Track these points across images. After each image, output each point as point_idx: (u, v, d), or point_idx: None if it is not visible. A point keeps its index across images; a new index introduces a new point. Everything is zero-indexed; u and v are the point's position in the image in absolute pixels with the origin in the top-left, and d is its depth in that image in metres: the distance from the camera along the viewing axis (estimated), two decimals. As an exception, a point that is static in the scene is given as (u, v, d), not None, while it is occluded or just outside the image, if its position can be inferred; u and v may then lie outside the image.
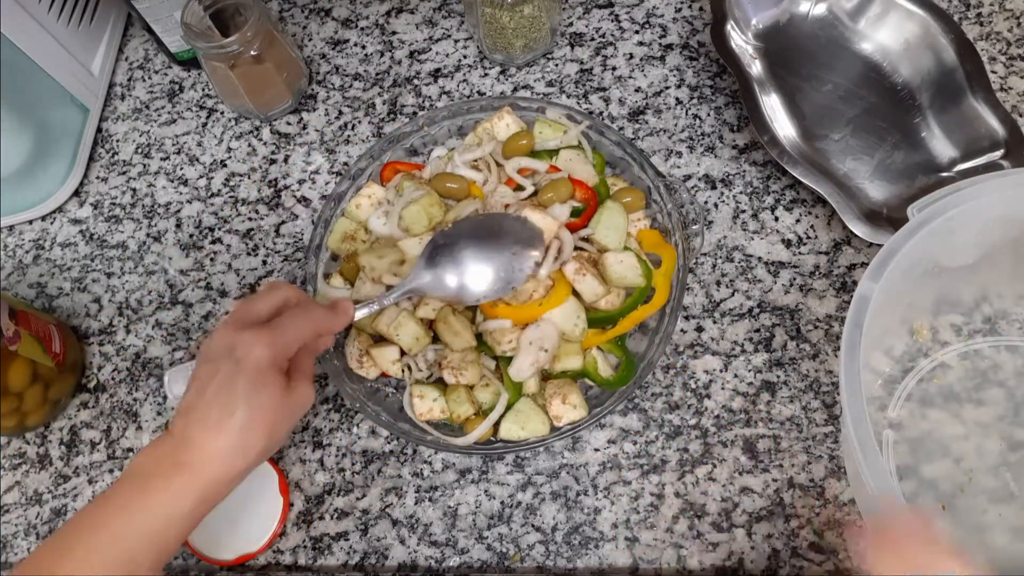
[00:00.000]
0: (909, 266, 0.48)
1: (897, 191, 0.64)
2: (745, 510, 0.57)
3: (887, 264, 0.47)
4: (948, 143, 0.65)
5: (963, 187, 0.50)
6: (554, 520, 0.57)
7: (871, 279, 0.47)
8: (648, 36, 0.75)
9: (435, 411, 0.56)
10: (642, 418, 0.60)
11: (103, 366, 0.66)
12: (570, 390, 0.56)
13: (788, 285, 0.63)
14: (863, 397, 0.43)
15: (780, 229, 0.66)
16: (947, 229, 0.49)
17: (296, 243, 0.69)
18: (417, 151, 0.67)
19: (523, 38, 0.70)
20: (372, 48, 0.77)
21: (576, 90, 0.73)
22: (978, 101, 0.64)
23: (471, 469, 0.59)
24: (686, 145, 0.69)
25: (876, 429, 0.57)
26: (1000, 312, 0.60)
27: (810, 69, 0.70)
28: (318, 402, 0.62)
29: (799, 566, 0.55)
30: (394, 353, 0.57)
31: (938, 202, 0.49)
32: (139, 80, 0.79)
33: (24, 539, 0.60)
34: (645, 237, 0.60)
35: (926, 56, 0.67)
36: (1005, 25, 0.73)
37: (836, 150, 0.66)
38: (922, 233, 0.48)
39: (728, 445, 0.58)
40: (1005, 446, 0.56)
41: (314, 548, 0.58)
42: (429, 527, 0.58)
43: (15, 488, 0.62)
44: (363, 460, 0.60)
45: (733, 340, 0.62)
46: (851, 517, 0.56)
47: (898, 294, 0.49)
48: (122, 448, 0.62)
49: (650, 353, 0.56)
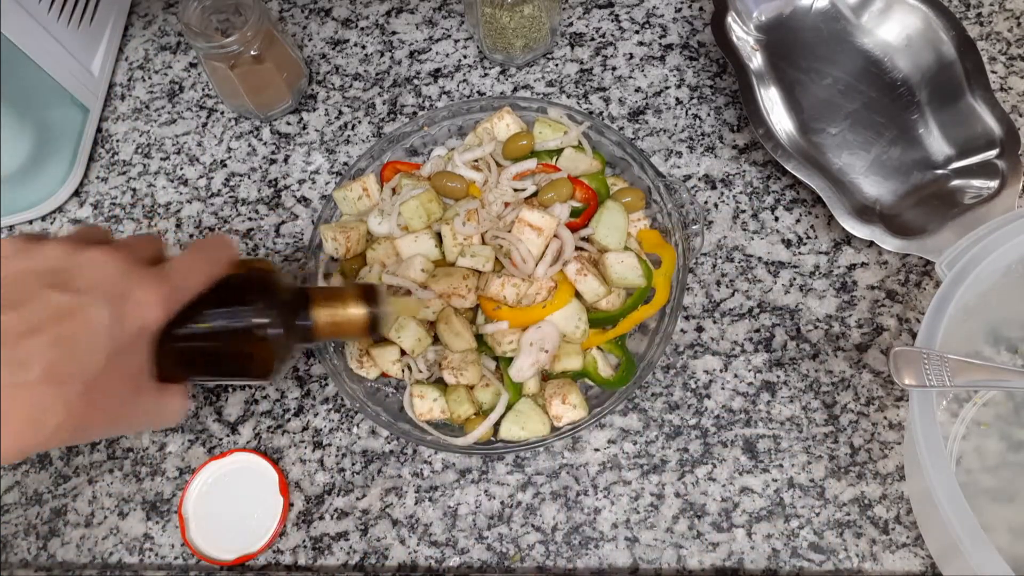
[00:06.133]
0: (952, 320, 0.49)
1: (892, 187, 0.65)
2: (745, 510, 0.57)
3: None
4: (944, 141, 0.65)
5: (983, 235, 0.50)
6: (554, 520, 0.57)
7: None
8: (648, 36, 0.75)
9: (435, 411, 0.56)
10: (642, 418, 0.60)
11: (103, 366, 0.66)
12: (570, 390, 0.56)
13: (788, 285, 0.63)
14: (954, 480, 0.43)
15: (780, 229, 0.66)
16: (978, 279, 0.49)
17: (296, 243, 0.69)
18: (417, 151, 0.67)
19: (523, 38, 0.70)
20: (372, 48, 0.77)
21: (576, 90, 0.73)
22: (976, 99, 0.64)
23: (471, 469, 0.59)
24: (686, 145, 0.69)
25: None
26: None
27: (810, 63, 0.70)
28: (318, 402, 0.62)
29: (799, 566, 0.55)
30: (394, 353, 0.57)
31: (965, 256, 0.49)
32: (139, 80, 0.79)
33: (24, 539, 0.60)
34: (645, 237, 0.60)
35: (927, 52, 0.67)
36: (1005, 25, 0.73)
37: (833, 144, 0.67)
38: (960, 290, 0.48)
39: (728, 445, 0.58)
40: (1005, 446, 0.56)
41: (314, 548, 0.58)
42: (429, 527, 0.58)
43: (15, 488, 0.62)
44: (363, 460, 0.60)
45: (733, 340, 0.62)
46: (851, 517, 0.56)
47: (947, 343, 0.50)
48: (122, 448, 0.62)
49: (650, 353, 0.56)
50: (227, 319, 0.39)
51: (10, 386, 0.30)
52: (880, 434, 0.58)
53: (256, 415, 0.62)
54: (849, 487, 0.57)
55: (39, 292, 0.31)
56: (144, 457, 0.62)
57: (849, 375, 0.60)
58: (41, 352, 0.31)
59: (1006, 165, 0.61)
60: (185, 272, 0.36)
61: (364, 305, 0.44)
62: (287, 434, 0.61)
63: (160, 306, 0.33)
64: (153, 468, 0.61)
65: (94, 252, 0.32)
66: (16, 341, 0.30)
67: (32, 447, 0.32)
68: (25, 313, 0.31)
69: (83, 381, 0.32)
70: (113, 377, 0.33)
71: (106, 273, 0.33)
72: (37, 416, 0.31)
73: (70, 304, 0.31)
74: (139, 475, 0.61)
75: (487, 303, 0.55)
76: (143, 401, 0.35)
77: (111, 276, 0.33)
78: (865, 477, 0.57)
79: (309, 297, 0.43)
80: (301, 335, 0.43)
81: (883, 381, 0.60)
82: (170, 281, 0.34)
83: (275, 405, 0.63)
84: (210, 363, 0.41)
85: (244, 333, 0.40)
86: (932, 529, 0.52)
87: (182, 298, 0.35)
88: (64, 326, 0.31)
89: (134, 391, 0.34)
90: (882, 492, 0.56)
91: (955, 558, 0.48)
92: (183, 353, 0.39)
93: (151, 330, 0.34)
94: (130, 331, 0.33)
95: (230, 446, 0.61)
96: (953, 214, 0.60)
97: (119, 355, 0.33)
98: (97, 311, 0.32)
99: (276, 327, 0.40)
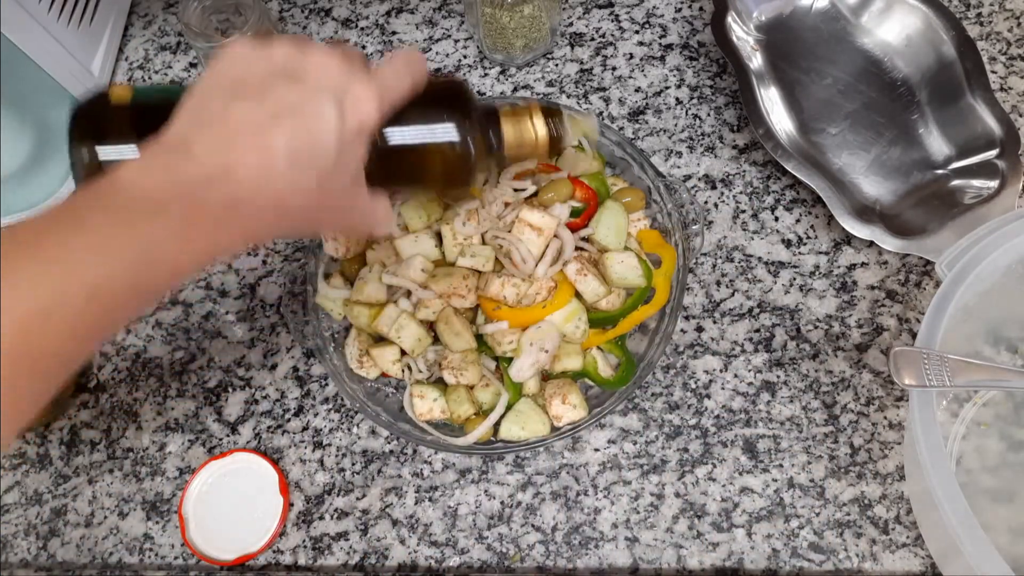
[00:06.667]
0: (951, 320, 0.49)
1: (891, 187, 0.65)
2: (745, 510, 0.57)
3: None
4: (944, 140, 0.65)
5: (982, 235, 0.50)
6: (554, 520, 0.57)
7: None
8: (648, 36, 0.75)
9: (435, 411, 0.56)
10: (642, 418, 0.60)
11: (103, 366, 0.66)
12: (570, 390, 0.56)
13: (788, 285, 0.63)
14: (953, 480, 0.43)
15: (780, 229, 0.66)
16: (978, 279, 0.49)
17: (296, 243, 0.69)
18: (417, 151, 0.67)
19: (523, 38, 0.70)
20: (372, 48, 0.77)
21: (576, 90, 0.73)
22: (976, 99, 0.64)
23: (471, 469, 0.59)
24: (686, 145, 0.69)
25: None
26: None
27: (810, 63, 0.70)
28: (318, 402, 0.62)
29: (799, 566, 0.55)
30: (394, 353, 0.57)
31: (965, 256, 0.49)
32: (139, 80, 0.79)
33: (24, 539, 0.60)
34: (645, 237, 0.60)
35: (927, 52, 0.67)
36: (1005, 25, 0.73)
37: (832, 144, 0.67)
38: (960, 290, 0.48)
39: (728, 445, 0.58)
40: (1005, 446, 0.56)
41: (314, 548, 0.58)
42: (429, 527, 0.58)
43: (15, 488, 0.62)
44: (363, 460, 0.60)
45: (733, 340, 0.62)
46: (851, 517, 0.56)
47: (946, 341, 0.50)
48: (122, 448, 0.62)
49: (650, 353, 0.56)
50: (430, 123, 0.41)
51: (262, 167, 0.32)
52: (880, 434, 0.58)
53: (256, 415, 0.62)
54: (849, 487, 0.57)
55: (277, 85, 0.33)
56: (144, 457, 0.62)
57: (849, 375, 0.60)
58: (285, 139, 0.33)
59: (1006, 165, 0.61)
60: (392, 77, 0.37)
61: (548, 122, 0.46)
62: (287, 434, 0.61)
63: (375, 105, 0.35)
64: (153, 468, 0.61)
65: (318, 53, 0.34)
66: (260, 128, 0.32)
67: (275, 232, 0.35)
68: (268, 104, 0.33)
69: (318, 172, 0.34)
70: (339, 173, 0.35)
71: (330, 72, 0.34)
72: (282, 199, 0.33)
73: (305, 97, 0.33)
74: (139, 475, 0.61)
75: (487, 303, 0.55)
76: (359, 202, 0.37)
77: (335, 75, 0.34)
78: (865, 477, 0.57)
79: (498, 116, 0.45)
80: (491, 149, 0.45)
81: (883, 381, 0.60)
82: (382, 83, 0.36)
83: (275, 405, 0.63)
84: (416, 167, 0.43)
85: (447, 137, 0.42)
86: (932, 529, 0.52)
87: (393, 100, 0.37)
88: (301, 118, 0.33)
89: (354, 190, 0.36)
90: (882, 492, 0.56)
91: (955, 558, 0.48)
92: (390, 158, 0.41)
93: (368, 128, 0.35)
94: (351, 128, 0.34)
95: (230, 446, 0.61)
96: (953, 214, 0.60)
97: (343, 151, 0.34)
98: (328, 106, 0.34)
99: (474, 133, 0.42)
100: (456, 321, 0.55)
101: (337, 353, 0.59)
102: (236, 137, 0.33)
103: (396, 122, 0.39)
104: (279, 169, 0.33)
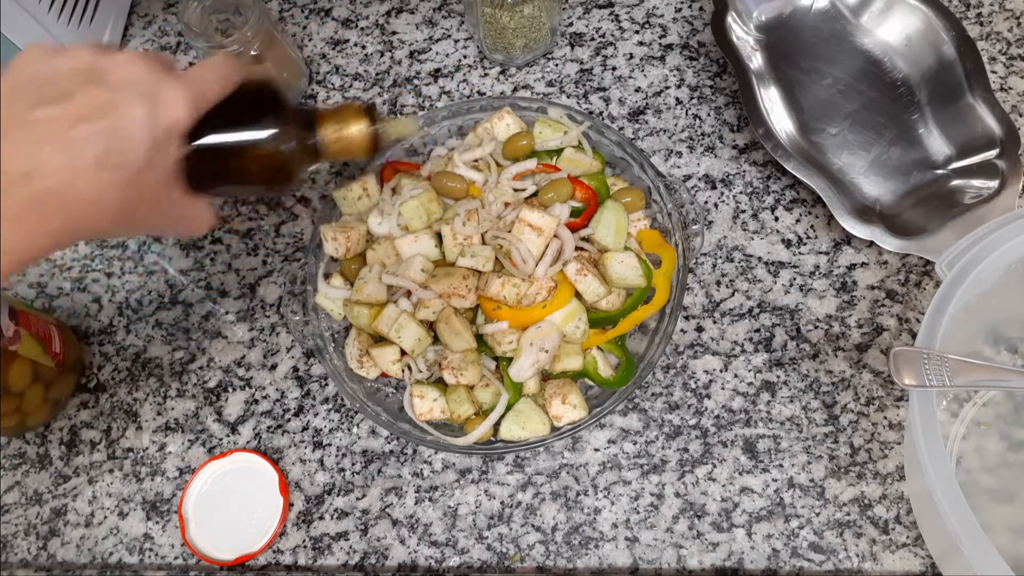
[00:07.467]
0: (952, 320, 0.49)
1: (892, 187, 0.65)
2: (745, 510, 0.57)
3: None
4: (944, 140, 0.65)
5: (982, 235, 0.50)
6: (554, 520, 0.57)
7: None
8: (648, 36, 0.75)
9: (435, 411, 0.56)
10: (642, 418, 0.60)
11: (103, 366, 0.66)
12: (570, 390, 0.56)
13: (788, 285, 0.63)
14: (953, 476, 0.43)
15: (780, 229, 0.66)
16: (978, 279, 0.49)
17: (296, 243, 0.69)
18: (417, 151, 0.67)
19: (523, 38, 0.70)
20: (372, 48, 0.77)
21: (576, 90, 0.73)
22: (976, 100, 0.64)
23: (471, 469, 0.59)
24: (686, 145, 0.69)
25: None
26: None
27: (810, 63, 0.70)
28: (318, 402, 0.62)
29: (799, 566, 0.55)
30: (394, 353, 0.57)
31: (965, 256, 0.49)
32: (139, 80, 0.79)
33: (24, 539, 0.60)
34: (645, 237, 0.60)
35: (927, 52, 0.67)
36: (1005, 25, 0.73)
37: (832, 144, 0.67)
38: (960, 290, 0.48)
39: (728, 445, 0.58)
40: (1005, 446, 0.56)
41: (314, 548, 0.58)
42: (429, 527, 0.58)
43: (15, 488, 0.62)
44: (363, 460, 0.60)
45: (733, 340, 0.62)
46: (851, 517, 0.56)
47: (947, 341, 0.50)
48: (122, 448, 0.62)
49: (650, 353, 0.56)
50: (244, 125, 0.42)
51: (69, 168, 0.32)
52: (880, 434, 0.58)
53: (256, 415, 0.62)
54: (849, 487, 0.57)
55: (80, 87, 0.34)
56: (144, 457, 0.62)
57: (849, 375, 0.60)
58: (93, 139, 0.33)
59: (1006, 165, 0.61)
60: (203, 80, 0.38)
61: (366, 122, 0.46)
62: (287, 434, 0.61)
63: (186, 107, 0.35)
64: (153, 468, 0.61)
65: (121, 55, 0.34)
66: (67, 129, 0.33)
67: (94, 231, 0.35)
68: (71, 106, 0.33)
69: (128, 172, 0.34)
70: (151, 173, 0.35)
71: (136, 73, 0.35)
72: (98, 198, 0.34)
73: (110, 98, 0.34)
74: (139, 475, 0.61)
75: (487, 303, 0.55)
76: (175, 205, 0.37)
77: (141, 76, 0.35)
78: (865, 477, 0.57)
79: (315, 116, 0.46)
80: (311, 152, 0.45)
81: (883, 381, 0.60)
82: (192, 86, 0.37)
83: (275, 405, 0.63)
84: (232, 168, 0.43)
85: (261, 139, 0.42)
86: (932, 529, 0.52)
87: (204, 102, 0.37)
88: (108, 118, 0.33)
89: (168, 193, 0.36)
90: (882, 492, 0.56)
91: (955, 558, 0.48)
92: (206, 160, 0.41)
93: (180, 130, 0.35)
94: (161, 129, 0.35)
95: (230, 446, 0.61)
96: (953, 214, 0.60)
97: (155, 152, 0.35)
98: (135, 106, 0.34)
99: (287, 132, 0.43)
100: (456, 321, 0.55)
101: (337, 353, 0.59)
102: (43, 138, 0.33)
103: (208, 124, 0.40)
104: (88, 170, 0.33)
